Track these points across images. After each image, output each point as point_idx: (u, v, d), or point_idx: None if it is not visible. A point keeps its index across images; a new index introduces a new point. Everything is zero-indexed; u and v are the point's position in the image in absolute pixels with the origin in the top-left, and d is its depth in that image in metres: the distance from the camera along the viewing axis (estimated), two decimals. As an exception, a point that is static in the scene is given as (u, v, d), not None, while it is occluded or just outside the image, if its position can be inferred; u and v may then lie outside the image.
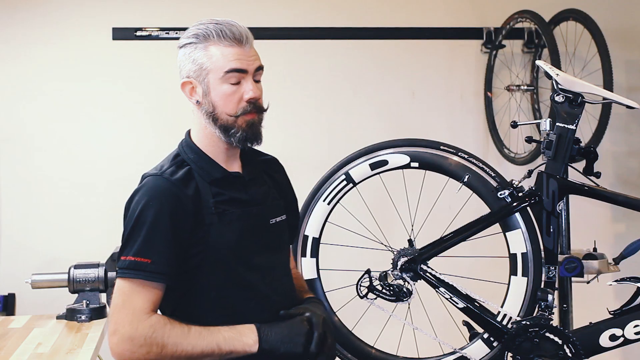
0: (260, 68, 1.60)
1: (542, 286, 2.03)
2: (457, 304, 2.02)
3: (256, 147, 1.67)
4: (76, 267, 2.25)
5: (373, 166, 2.12)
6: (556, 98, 2.03)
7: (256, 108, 1.59)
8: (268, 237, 1.64)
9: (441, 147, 2.11)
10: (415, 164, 2.12)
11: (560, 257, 2.04)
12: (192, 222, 1.52)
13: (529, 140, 2.12)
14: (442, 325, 2.20)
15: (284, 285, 1.68)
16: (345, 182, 2.13)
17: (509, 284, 2.07)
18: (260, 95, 1.60)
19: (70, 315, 2.22)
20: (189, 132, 1.66)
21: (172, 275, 1.51)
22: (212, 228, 1.54)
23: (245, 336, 1.49)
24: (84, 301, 2.22)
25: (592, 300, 2.38)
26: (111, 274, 2.24)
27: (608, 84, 2.97)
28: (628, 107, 2.02)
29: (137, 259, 1.47)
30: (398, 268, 2.04)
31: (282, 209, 1.71)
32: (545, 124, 2.13)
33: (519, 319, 2.02)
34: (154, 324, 1.46)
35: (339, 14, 3.41)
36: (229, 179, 1.61)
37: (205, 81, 1.56)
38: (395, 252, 2.07)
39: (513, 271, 2.06)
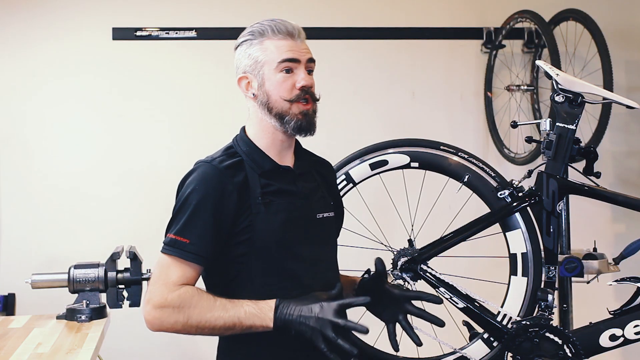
0: (312, 60, 1.67)
1: (542, 286, 2.03)
2: (457, 304, 2.02)
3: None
4: (76, 267, 2.24)
5: (373, 166, 2.12)
6: (556, 98, 2.03)
7: (310, 95, 1.65)
8: (314, 231, 1.68)
9: (441, 147, 2.11)
10: (415, 164, 2.12)
11: (560, 257, 2.04)
12: (237, 210, 1.58)
13: (529, 140, 2.12)
14: (442, 325, 2.20)
15: (329, 279, 1.69)
16: (345, 182, 2.13)
17: (509, 284, 2.07)
18: (312, 84, 1.66)
19: (70, 315, 2.21)
20: (243, 128, 1.72)
21: (208, 259, 1.58)
22: (258, 217, 1.59)
23: (264, 313, 1.52)
24: (84, 301, 2.22)
25: (592, 300, 2.38)
26: (111, 274, 2.23)
27: (608, 84, 2.97)
28: (628, 107, 2.02)
29: (177, 237, 1.56)
30: (398, 268, 2.04)
31: (330, 206, 1.75)
32: (545, 124, 2.13)
33: (519, 319, 2.02)
34: (182, 294, 1.53)
35: (339, 14, 3.41)
36: (278, 171, 1.66)
37: (260, 73, 1.64)
38: (395, 252, 2.08)
39: (513, 271, 2.06)
